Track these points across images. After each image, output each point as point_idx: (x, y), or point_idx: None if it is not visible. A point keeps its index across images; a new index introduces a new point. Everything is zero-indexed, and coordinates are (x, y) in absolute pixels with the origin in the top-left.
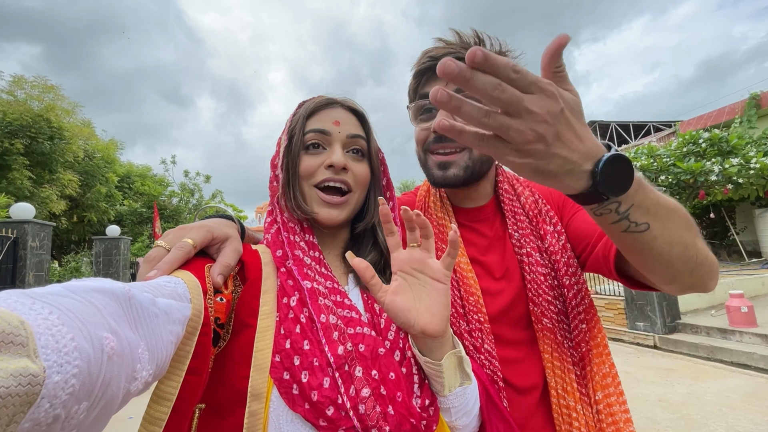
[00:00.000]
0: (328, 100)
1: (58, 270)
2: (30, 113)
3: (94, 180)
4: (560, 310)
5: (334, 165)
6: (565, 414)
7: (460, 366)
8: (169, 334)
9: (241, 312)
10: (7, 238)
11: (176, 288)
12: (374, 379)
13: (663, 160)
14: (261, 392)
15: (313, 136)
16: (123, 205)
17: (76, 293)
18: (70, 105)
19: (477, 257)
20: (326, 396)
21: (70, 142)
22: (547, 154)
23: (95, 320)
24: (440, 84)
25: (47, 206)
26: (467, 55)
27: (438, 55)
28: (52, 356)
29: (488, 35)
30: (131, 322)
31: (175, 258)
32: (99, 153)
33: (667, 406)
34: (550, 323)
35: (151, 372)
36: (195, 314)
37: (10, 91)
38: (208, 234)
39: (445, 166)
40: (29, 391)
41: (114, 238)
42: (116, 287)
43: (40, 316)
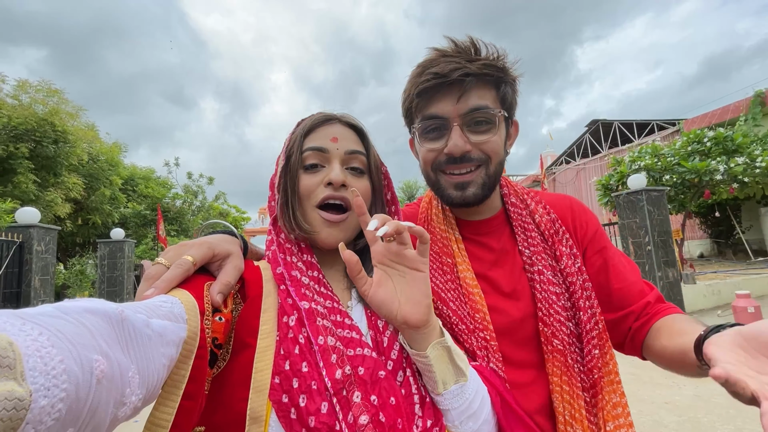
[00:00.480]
0: (325, 117)
1: (64, 273)
2: (34, 117)
3: (98, 183)
4: (572, 332)
5: (333, 182)
6: None
7: (450, 358)
8: (161, 357)
9: (240, 331)
10: (13, 243)
11: (172, 308)
12: (373, 404)
13: (667, 159)
14: (260, 415)
15: (311, 155)
16: (127, 207)
17: (68, 314)
18: (74, 108)
19: (483, 272)
20: (324, 422)
21: (75, 146)
22: None
23: (86, 342)
24: (448, 102)
25: (52, 209)
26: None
27: (442, 71)
28: (39, 379)
29: (484, 42)
30: (123, 344)
31: (174, 276)
32: (103, 156)
33: (673, 409)
34: (560, 345)
35: (141, 397)
36: (191, 336)
37: (14, 95)
38: (209, 251)
39: (462, 186)
40: (14, 416)
41: (118, 241)
42: (109, 308)
43: (29, 338)
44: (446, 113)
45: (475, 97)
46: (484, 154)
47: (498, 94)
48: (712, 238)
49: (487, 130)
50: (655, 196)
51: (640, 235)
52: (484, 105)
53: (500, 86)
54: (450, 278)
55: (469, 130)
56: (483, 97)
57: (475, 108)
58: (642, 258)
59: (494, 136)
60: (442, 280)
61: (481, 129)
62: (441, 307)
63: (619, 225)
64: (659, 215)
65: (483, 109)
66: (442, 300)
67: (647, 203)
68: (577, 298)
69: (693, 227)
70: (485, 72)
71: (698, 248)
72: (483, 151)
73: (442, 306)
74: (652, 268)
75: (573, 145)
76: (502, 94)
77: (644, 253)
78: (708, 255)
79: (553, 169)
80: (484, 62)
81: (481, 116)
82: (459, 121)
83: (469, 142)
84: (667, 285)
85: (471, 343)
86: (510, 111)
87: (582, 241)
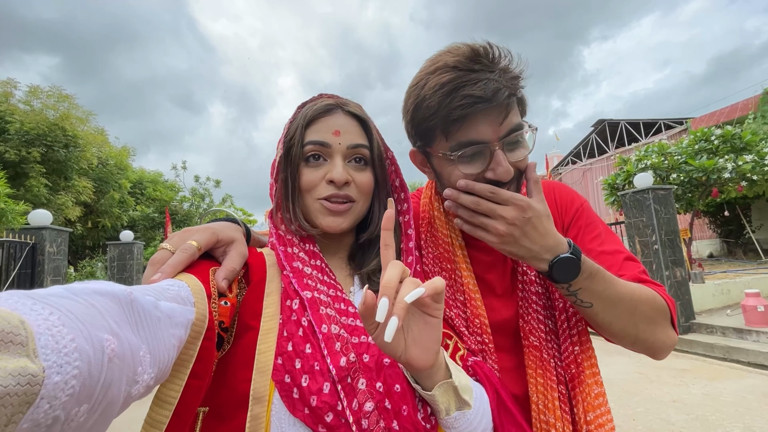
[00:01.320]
0: (327, 105)
1: (75, 275)
2: (46, 122)
3: (107, 186)
4: (550, 329)
5: (335, 181)
6: (545, 429)
7: (456, 395)
8: (171, 337)
9: (244, 314)
10: (26, 244)
11: (180, 291)
12: (378, 391)
13: (674, 157)
14: (263, 395)
15: (312, 149)
16: (136, 210)
17: (77, 295)
18: (84, 113)
19: (481, 275)
20: (325, 402)
21: (85, 150)
22: (516, 243)
23: (96, 322)
24: (489, 126)
25: (63, 212)
26: (458, 183)
27: (485, 95)
28: (51, 357)
29: (499, 47)
30: (133, 324)
31: (179, 260)
32: (112, 160)
33: (682, 407)
34: (536, 341)
35: (153, 375)
36: (199, 318)
37: (26, 101)
38: (213, 236)
39: None
40: (28, 390)
41: (127, 243)
42: (118, 290)
43: (40, 317)
44: (487, 137)
45: (513, 114)
46: (518, 171)
47: (519, 103)
48: (722, 237)
49: (522, 147)
50: (662, 195)
51: (646, 234)
52: (519, 124)
53: (518, 92)
54: (451, 284)
55: (508, 151)
56: (516, 114)
57: (515, 128)
58: (649, 257)
59: (527, 151)
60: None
61: (518, 147)
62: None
63: (626, 224)
64: (666, 214)
65: (520, 128)
66: (444, 303)
67: (654, 202)
68: (554, 298)
69: (702, 227)
70: (515, 84)
71: (707, 248)
72: (518, 168)
73: (444, 308)
74: (660, 267)
75: (579, 145)
76: (521, 104)
77: (651, 252)
78: (717, 255)
79: (559, 169)
80: (514, 74)
81: (519, 136)
82: (500, 144)
83: (510, 163)
84: (675, 284)
85: (469, 343)
86: (524, 118)
87: (564, 221)
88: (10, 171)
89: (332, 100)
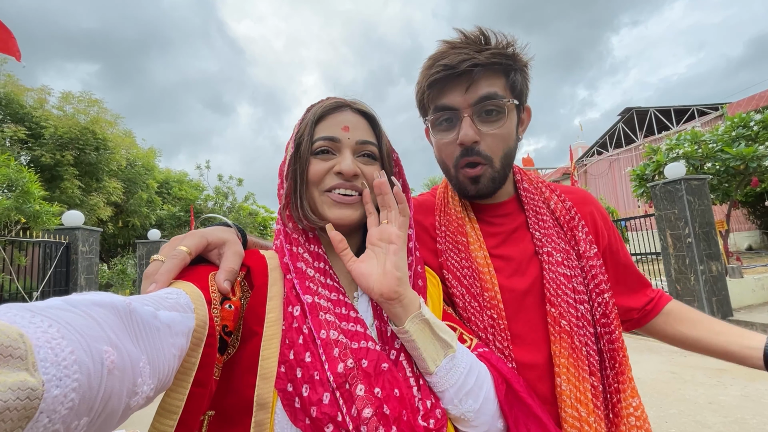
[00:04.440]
0: (336, 103)
1: (107, 272)
2: (78, 126)
3: (136, 187)
4: (583, 315)
5: (343, 172)
6: (576, 426)
7: (432, 332)
8: (171, 347)
9: (248, 320)
10: (61, 244)
11: (178, 299)
12: (377, 397)
13: (709, 146)
14: (267, 402)
15: (322, 144)
16: (163, 209)
17: (76, 307)
18: (113, 117)
19: (495, 251)
20: (325, 413)
21: (114, 152)
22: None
23: (95, 334)
24: (458, 93)
25: (95, 213)
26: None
27: (451, 63)
28: (51, 370)
29: (493, 31)
30: (132, 335)
31: (172, 267)
32: (140, 161)
33: (718, 409)
34: (568, 326)
35: (153, 386)
36: (199, 325)
37: (59, 106)
38: (202, 239)
39: (476, 180)
40: (27, 405)
41: (155, 241)
42: (116, 301)
43: (39, 329)
44: (456, 104)
45: (484, 86)
46: (488, 150)
47: (507, 81)
48: (762, 229)
49: (497, 119)
50: (696, 185)
51: (679, 226)
52: (493, 93)
53: (510, 74)
54: (464, 257)
55: (480, 120)
56: (492, 86)
57: (485, 97)
58: (681, 251)
59: (504, 124)
60: (456, 259)
61: (492, 118)
62: (456, 285)
63: (656, 216)
64: (700, 205)
65: (492, 98)
66: (456, 278)
67: (687, 193)
68: (596, 283)
69: (740, 218)
70: (494, 61)
71: (746, 240)
72: (488, 144)
73: (457, 284)
74: (693, 262)
75: (605, 135)
76: (512, 82)
77: (684, 245)
78: (757, 247)
79: (584, 160)
80: (493, 51)
81: (491, 105)
82: (469, 111)
83: (479, 132)
84: (710, 279)
85: (482, 320)
86: (521, 98)
87: (602, 236)
88: (46, 174)
89: (339, 99)
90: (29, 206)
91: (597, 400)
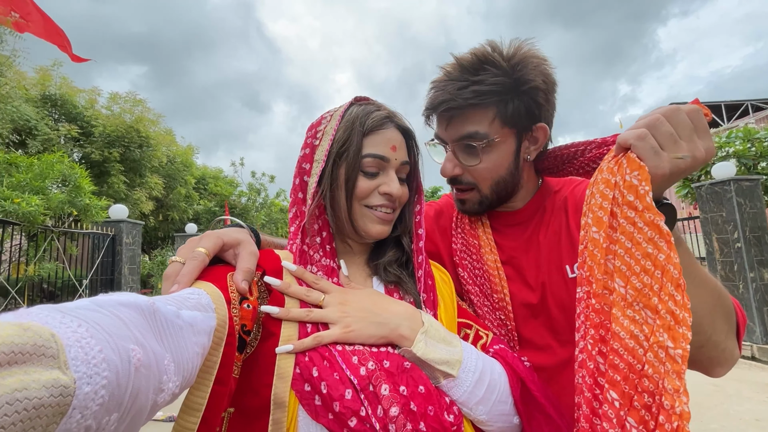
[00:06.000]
0: (386, 118)
1: (148, 263)
2: (123, 125)
3: (175, 182)
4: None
5: (392, 195)
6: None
7: (433, 338)
8: (194, 345)
9: (266, 321)
10: (107, 236)
11: (200, 299)
12: (402, 395)
13: (764, 144)
14: (283, 401)
15: (371, 162)
16: (199, 204)
17: (103, 307)
18: (155, 116)
19: (508, 260)
20: (348, 407)
21: (156, 149)
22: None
23: (122, 333)
24: (441, 127)
25: (138, 207)
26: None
27: (431, 103)
28: (81, 368)
29: (497, 53)
30: (156, 334)
31: (192, 269)
32: (179, 158)
33: (766, 426)
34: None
35: (178, 384)
36: (220, 324)
37: (108, 106)
38: (218, 240)
39: (462, 201)
40: (61, 402)
41: (192, 235)
42: (141, 301)
43: (69, 329)
44: (442, 135)
45: (465, 124)
46: (473, 179)
47: (498, 113)
48: None
49: (476, 155)
50: (747, 187)
51: (727, 230)
52: (473, 132)
53: (506, 103)
54: (476, 258)
55: (462, 154)
56: (474, 123)
57: (465, 136)
58: (730, 257)
59: (486, 160)
60: (469, 260)
61: (473, 153)
62: (470, 282)
63: (701, 219)
64: (752, 208)
65: (472, 137)
66: (471, 276)
67: (736, 194)
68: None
69: None
70: (474, 103)
71: None
72: (473, 175)
73: (471, 282)
74: (743, 269)
75: None
76: (506, 112)
77: (732, 251)
78: None
79: None
80: (478, 89)
81: (471, 142)
82: (451, 146)
83: (459, 165)
84: (762, 288)
85: (492, 320)
86: (520, 124)
87: None
88: (95, 170)
89: (384, 112)
90: (80, 200)
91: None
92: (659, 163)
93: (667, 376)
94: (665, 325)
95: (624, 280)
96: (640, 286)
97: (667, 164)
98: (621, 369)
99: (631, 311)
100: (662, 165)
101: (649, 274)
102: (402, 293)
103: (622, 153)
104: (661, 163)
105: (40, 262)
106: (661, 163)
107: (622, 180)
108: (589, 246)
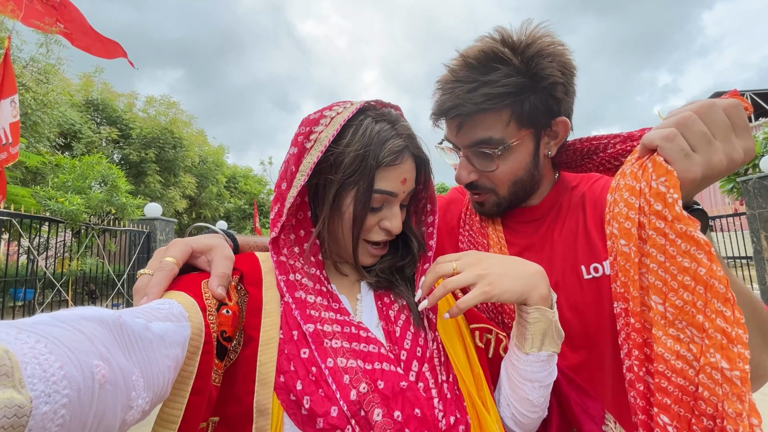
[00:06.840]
0: (402, 150)
1: None
2: (159, 127)
3: (207, 181)
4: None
5: (392, 232)
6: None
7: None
8: (165, 358)
9: (246, 325)
10: (143, 233)
11: (171, 309)
12: (397, 421)
13: None
14: (266, 408)
15: (380, 198)
16: (230, 203)
17: (64, 322)
18: (188, 117)
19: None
20: (332, 424)
21: (188, 150)
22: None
23: (84, 348)
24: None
25: (173, 205)
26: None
27: (439, 109)
28: (39, 386)
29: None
30: (123, 348)
31: (160, 279)
32: (210, 157)
33: None
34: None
35: (148, 400)
36: (195, 333)
37: (144, 109)
38: (186, 247)
39: (481, 204)
40: (15, 423)
41: None
42: (106, 314)
43: (26, 345)
44: (454, 140)
45: (477, 130)
46: (490, 182)
47: (515, 113)
48: None
49: (491, 161)
50: None
51: None
52: (486, 138)
53: (522, 103)
54: None
55: (477, 159)
56: (487, 129)
57: (477, 142)
58: None
59: (504, 165)
60: None
61: (488, 160)
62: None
63: (748, 216)
64: None
65: (486, 143)
66: None
67: None
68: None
69: None
70: (486, 108)
71: None
72: (491, 179)
73: None
74: None
75: None
76: (521, 112)
77: None
78: None
79: None
80: (488, 91)
81: (486, 149)
82: (464, 151)
83: (474, 171)
84: None
85: (497, 322)
86: (538, 122)
87: None
88: (133, 170)
89: (401, 141)
90: (117, 199)
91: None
92: (690, 167)
93: (727, 399)
94: (716, 344)
95: (661, 297)
96: (681, 304)
97: (698, 168)
98: (671, 392)
99: (674, 330)
100: (693, 169)
101: (689, 290)
102: (393, 297)
103: (648, 155)
104: (692, 167)
105: (83, 258)
106: (691, 166)
107: (647, 186)
108: (619, 260)
